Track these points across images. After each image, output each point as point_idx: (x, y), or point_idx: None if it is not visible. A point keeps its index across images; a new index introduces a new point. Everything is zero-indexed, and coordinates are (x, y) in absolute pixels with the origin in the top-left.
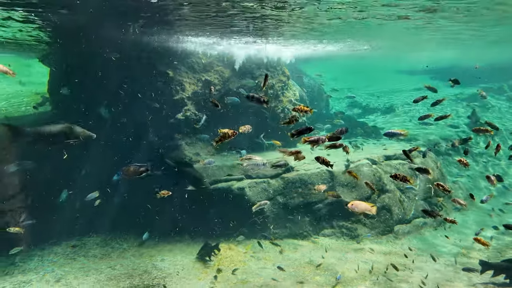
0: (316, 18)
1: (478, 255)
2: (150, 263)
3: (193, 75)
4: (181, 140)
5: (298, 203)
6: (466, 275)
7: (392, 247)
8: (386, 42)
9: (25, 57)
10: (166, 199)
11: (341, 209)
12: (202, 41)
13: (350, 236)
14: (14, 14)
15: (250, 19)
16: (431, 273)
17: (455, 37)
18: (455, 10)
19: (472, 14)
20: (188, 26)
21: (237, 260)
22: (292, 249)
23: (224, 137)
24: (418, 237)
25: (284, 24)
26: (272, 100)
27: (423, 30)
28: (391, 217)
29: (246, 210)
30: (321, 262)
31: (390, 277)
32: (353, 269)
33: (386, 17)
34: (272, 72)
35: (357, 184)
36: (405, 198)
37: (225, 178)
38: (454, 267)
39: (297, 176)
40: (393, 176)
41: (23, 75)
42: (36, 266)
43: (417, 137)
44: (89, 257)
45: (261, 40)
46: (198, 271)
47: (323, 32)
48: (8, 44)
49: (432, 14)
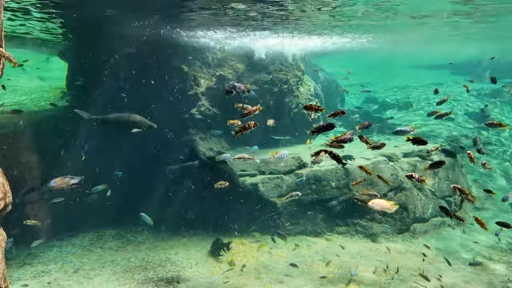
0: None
1: (498, 257)
2: (164, 256)
3: (207, 70)
4: (195, 135)
5: (311, 200)
6: (486, 277)
7: (408, 246)
8: (410, 36)
9: (45, 52)
10: (181, 194)
11: (356, 207)
12: (217, 36)
13: (365, 234)
14: (32, 11)
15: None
16: (448, 273)
17: (476, 34)
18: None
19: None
20: (204, 21)
21: (250, 256)
22: (305, 246)
23: (244, 128)
24: (435, 237)
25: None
26: (287, 95)
27: (444, 27)
28: (407, 216)
29: (259, 205)
30: (335, 259)
31: (406, 276)
32: (368, 267)
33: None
34: (286, 67)
35: (373, 182)
36: (422, 196)
37: (239, 173)
38: (473, 267)
39: (311, 173)
40: (408, 176)
41: (43, 70)
42: (55, 256)
43: (433, 133)
44: (106, 249)
45: (279, 34)
46: (211, 265)
47: (351, 25)
48: (28, 40)
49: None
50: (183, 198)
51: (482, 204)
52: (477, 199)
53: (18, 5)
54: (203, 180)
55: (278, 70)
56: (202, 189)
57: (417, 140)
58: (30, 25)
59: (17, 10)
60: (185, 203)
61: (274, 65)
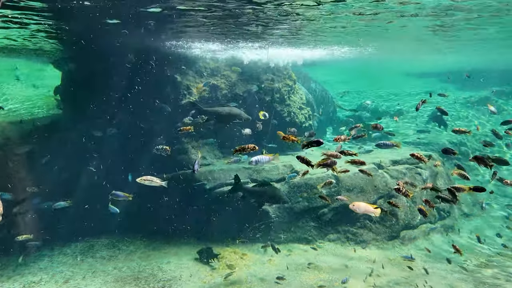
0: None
1: (485, 260)
2: (156, 266)
3: (200, 80)
4: (188, 144)
5: (303, 208)
6: (472, 283)
7: (398, 253)
8: (399, 45)
9: (38, 62)
10: (173, 203)
11: (346, 214)
12: (210, 47)
13: (355, 241)
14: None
15: (260, 24)
16: (437, 279)
17: (463, 43)
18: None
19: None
20: (197, 33)
21: (242, 264)
22: (296, 253)
23: (243, 149)
24: (425, 243)
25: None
26: (278, 104)
27: (434, 36)
28: (397, 222)
29: (251, 214)
30: (326, 266)
31: (398, 282)
32: (358, 274)
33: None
34: (278, 76)
35: (363, 189)
36: (411, 203)
37: (231, 181)
38: (461, 273)
39: (303, 181)
40: (396, 189)
41: (37, 78)
42: (46, 266)
43: (423, 141)
44: (97, 258)
45: (267, 44)
46: (203, 274)
47: (333, 37)
48: (21, 50)
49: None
50: (176, 207)
51: (470, 210)
52: (466, 205)
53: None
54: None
55: (270, 80)
56: (194, 199)
57: (356, 161)
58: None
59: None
60: (177, 213)
61: (266, 74)
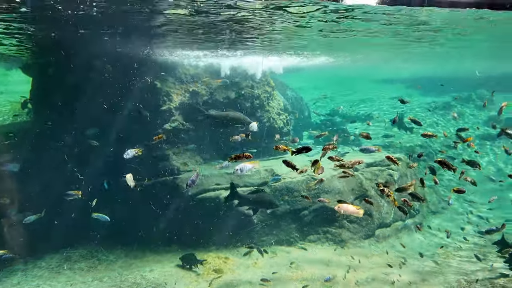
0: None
1: (454, 253)
2: (139, 274)
3: (180, 86)
4: (169, 150)
5: (284, 211)
6: (442, 275)
7: (374, 250)
8: (366, 55)
9: (3, 67)
10: (154, 210)
11: (325, 215)
12: (190, 54)
13: (335, 241)
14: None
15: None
16: (410, 272)
17: (423, 53)
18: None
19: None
20: (176, 40)
21: (226, 268)
22: (279, 255)
23: (239, 157)
24: (397, 240)
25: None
26: (258, 110)
27: (398, 49)
28: (372, 222)
29: (233, 218)
30: (309, 267)
31: (375, 278)
32: (339, 272)
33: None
34: (257, 82)
35: (340, 191)
36: (385, 203)
37: (213, 187)
38: (431, 266)
39: (284, 184)
40: (381, 191)
41: (1, 84)
42: (19, 281)
43: (393, 144)
44: (75, 270)
45: (243, 51)
46: (187, 280)
47: (304, 45)
48: None
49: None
50: (157, 214)
51: (436, 208)
52: (432, 203)
53: None
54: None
55: (249, 86)
56: (176, 206)
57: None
58: None
59: None
60: (159, 219)
61: (246, 81)
